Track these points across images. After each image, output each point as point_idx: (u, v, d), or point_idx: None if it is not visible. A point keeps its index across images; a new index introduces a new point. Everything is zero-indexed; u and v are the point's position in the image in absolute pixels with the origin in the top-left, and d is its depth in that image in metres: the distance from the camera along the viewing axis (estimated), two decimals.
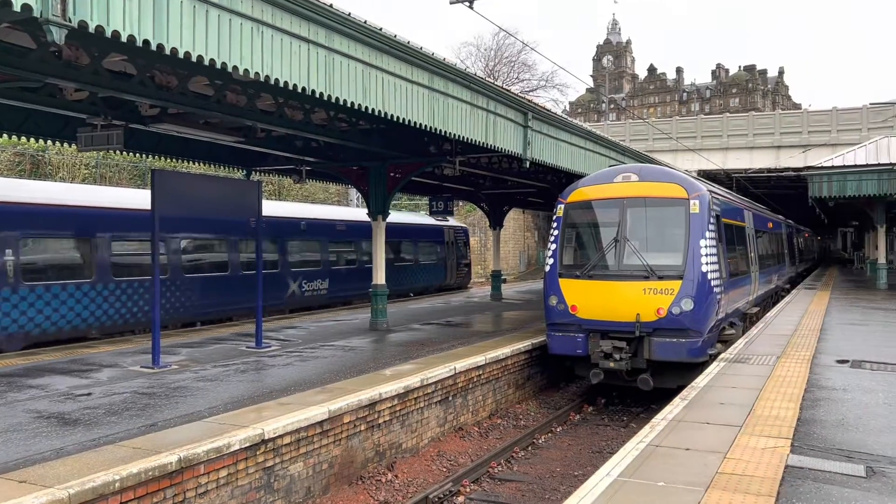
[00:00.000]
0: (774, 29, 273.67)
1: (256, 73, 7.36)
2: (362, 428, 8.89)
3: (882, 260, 28.12)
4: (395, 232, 23.48)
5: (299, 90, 7.98)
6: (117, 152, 15.94)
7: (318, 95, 8.29)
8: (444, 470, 9.61)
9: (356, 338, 14.06)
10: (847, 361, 11.11)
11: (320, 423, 8.11)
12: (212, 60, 6.81)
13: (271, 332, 14.47)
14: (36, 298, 12.91)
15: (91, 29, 5.75)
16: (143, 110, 11.18)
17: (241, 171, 17.59)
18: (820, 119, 38.15)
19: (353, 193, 34.79)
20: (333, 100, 8.53)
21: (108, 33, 5.88)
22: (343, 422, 8.50)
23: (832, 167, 24.73)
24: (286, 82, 7.76)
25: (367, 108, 9.09)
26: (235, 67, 7.09)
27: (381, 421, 9.25)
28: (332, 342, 13.43)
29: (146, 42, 6.18)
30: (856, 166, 24.39)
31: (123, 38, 5.99)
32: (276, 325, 16.08)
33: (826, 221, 52.21)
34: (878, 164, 23.99)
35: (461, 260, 30.31)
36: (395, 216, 23.92)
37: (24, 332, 12.73)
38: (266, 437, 7.26)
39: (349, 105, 8.85)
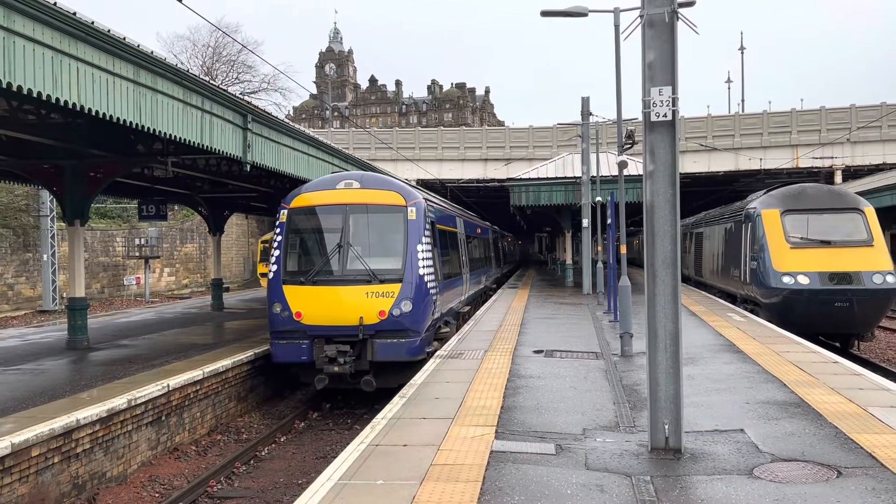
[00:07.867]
0: (482, 50, 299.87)
1: None
2: (56, 460, 7.87)
3: (569, 261, 32.14)
4: None
5: None
6: None
7: None
8: (157, 496, 8.90)
9: (49, 359, 12.43)
10: (542, 351, 12.48)
11: (1, 459, 7.01)
12: None
13: None
14: None
15: None
16: None
17: None
18: (519, 136, 42.79)
19: (47, 196, 30.76)
20: (15, 88, 7.43)
21: None
22: (31, 455, 7.45)
23: (529, 179, 27.81)
24: None
25: (57, 99, 8.08)
26: None
27: (79, 450, 8.27)
28: (19, 365, 11.72)
29: None
30: (548, 179, 27.70)
31: None
32: None
33: (525, 227, 58.34)
34: (565, 178, 27.52)
35: None
36: None
37: None
38: None
39: (35, 95, 7.78)
